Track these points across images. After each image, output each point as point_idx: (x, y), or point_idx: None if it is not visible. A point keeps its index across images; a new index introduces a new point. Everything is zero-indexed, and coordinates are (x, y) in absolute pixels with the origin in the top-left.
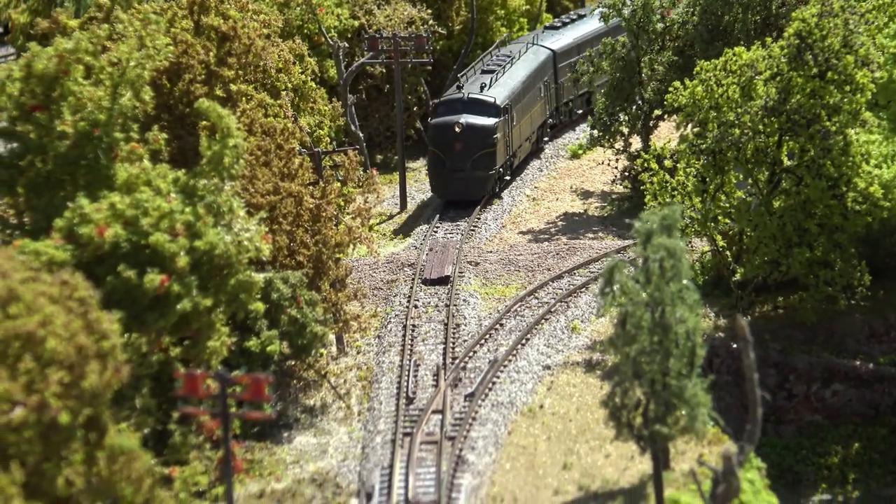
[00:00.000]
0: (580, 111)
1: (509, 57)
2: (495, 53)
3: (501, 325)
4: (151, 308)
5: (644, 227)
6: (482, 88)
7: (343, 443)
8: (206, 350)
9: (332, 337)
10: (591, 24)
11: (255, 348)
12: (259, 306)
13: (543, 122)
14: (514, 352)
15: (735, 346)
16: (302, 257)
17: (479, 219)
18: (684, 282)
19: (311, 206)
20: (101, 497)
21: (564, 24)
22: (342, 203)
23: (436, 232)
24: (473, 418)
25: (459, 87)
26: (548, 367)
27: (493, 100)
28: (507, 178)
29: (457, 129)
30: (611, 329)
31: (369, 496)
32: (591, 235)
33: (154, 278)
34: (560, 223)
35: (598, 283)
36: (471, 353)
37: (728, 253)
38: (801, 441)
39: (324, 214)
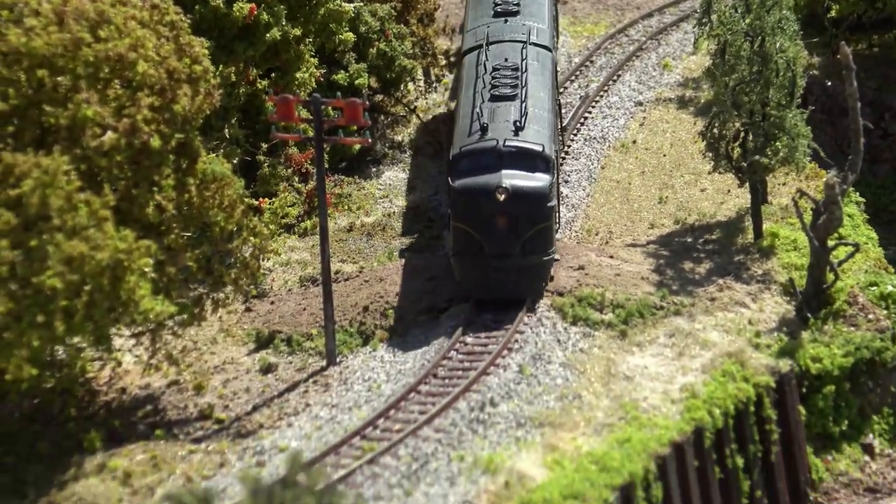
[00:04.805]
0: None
1: (516, 69)
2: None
3: (591, 61)
4: (240, 38)
5: None
6: (517, 130)
7: (432, 176)
8: (295, 81)
9: (419, 71)
10: None
11: (343, 81)
12: (349, 36)
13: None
14: (606, 88)
15: (829, 83)
16: None
17: None
18: (784, 11)
19: None
20: (192, 223)
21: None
22: None
23: None
24: (566, 152)
25: (484, 129)
26: (640, 104)
27: (540, 148)
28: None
29: (500, 197)
30: (704, 66)
31: None
32: None
33: (243, 6)
34: None
35: (696, 13)
36: (561, 90)
37: None
38: None
39: None
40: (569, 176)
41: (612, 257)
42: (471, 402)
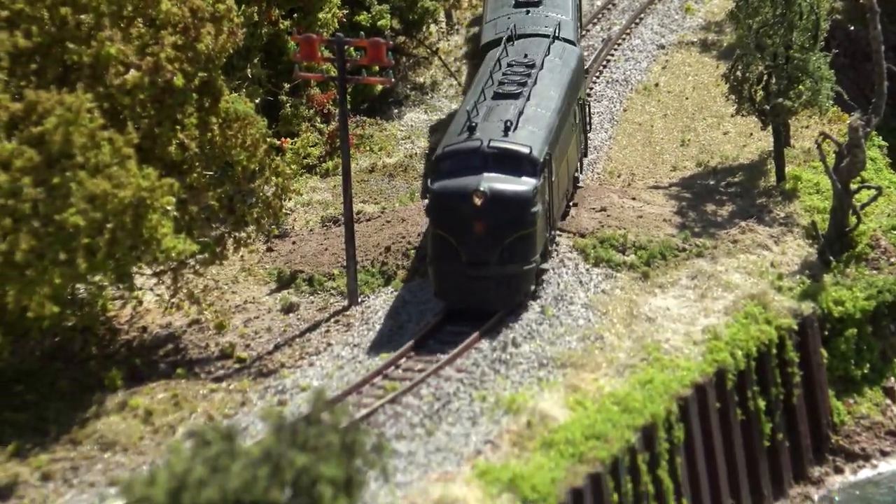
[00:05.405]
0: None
1: (530, 66)
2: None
3: (614, 4)
4: None
5: None
6: (507, 130)
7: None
8: (317, 21)
9: (442, 13)
10: None
11: (366, 22)
12: None
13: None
14: (628, 31)
15: (852, 27)
16: None
17: None
18: None
19: None
20: (214, 162)
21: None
22: None
23: None
24: (588, 94)
25: (472, 129)
26: (662, 47)
27: (527, 150)
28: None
29: (476, 201)
30: (727, 9)
31: None
32: None
33: None
34: None
35: None
36: (583, 33)
37: None
38: None
39: None
40: (591, 117)
41: (634, 199)
42: (493, 343)
